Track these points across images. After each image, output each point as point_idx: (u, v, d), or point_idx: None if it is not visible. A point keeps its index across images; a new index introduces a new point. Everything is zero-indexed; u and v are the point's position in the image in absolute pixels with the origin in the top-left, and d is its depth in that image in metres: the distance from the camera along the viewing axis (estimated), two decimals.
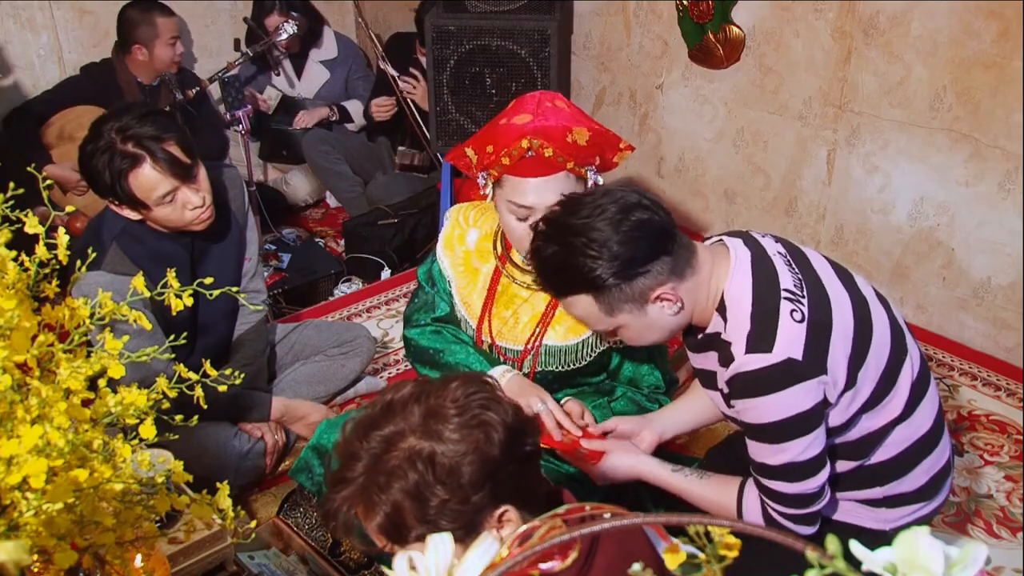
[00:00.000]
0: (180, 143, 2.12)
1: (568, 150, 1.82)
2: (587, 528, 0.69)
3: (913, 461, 1.75)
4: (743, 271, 1.63)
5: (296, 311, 3.35)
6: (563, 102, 1.89)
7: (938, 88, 2.91)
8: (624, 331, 1.66)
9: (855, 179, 3.22)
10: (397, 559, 0.76)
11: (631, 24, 3.73)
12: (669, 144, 3.77)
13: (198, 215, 2.19)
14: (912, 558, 0.59)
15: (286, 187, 4.25)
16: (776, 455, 1.61)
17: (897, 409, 1.70)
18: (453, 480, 1.15)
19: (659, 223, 1.60)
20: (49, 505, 0.95)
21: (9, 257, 1.03)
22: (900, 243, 3.16)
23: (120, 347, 1.09)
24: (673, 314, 1.62)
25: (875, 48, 3.02)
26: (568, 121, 1.84)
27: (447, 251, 2.11)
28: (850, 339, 1.62)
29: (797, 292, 1.61)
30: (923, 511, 1.81)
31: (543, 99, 1.88)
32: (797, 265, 1.67)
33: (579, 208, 1.58)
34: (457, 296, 2.09)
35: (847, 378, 1.61)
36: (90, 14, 4.02)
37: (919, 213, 3.08)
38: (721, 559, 0.67)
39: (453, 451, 1.16)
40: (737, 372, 1.58)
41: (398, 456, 1.17)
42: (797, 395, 1.55)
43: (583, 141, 1.82)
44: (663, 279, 1.57)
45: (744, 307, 1.60)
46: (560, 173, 1.84)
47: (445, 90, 3.67)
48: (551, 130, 1.81)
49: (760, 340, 1.57)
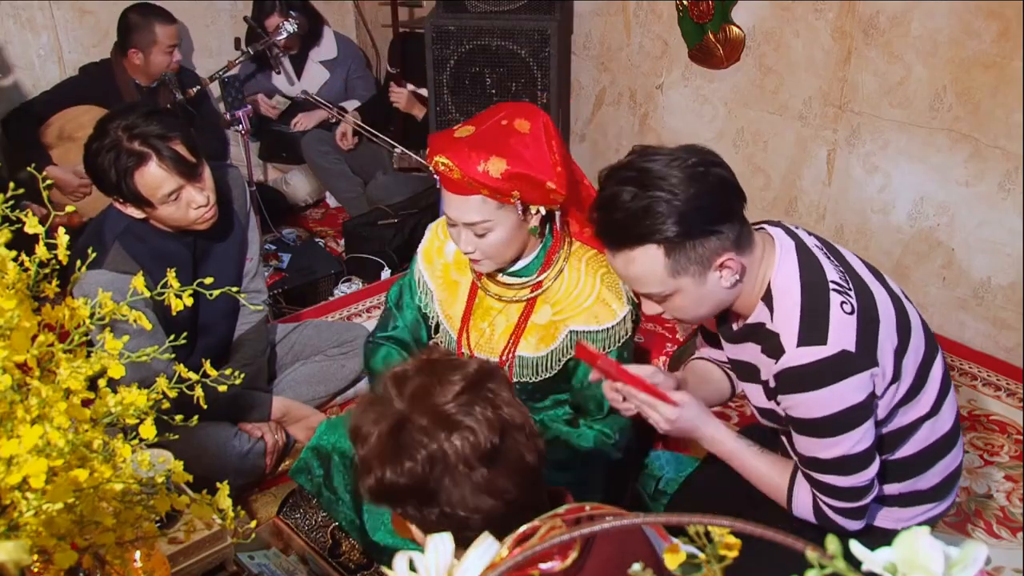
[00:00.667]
0: (185, 142, 2.12)
1: (478, 179, 1.74)
2: (587, 528, 0.69)
3: (933, 459, 1.74)
4: (790, 261, 1.59)
5: (296, 311, 3.35)
6: (527, 122, 1.80)
7: (938, 88, 2.91)
8: (678, 298, 1.57)
9: (855, 179, 3.22)
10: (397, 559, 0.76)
11: (631, 24, 3.73)
12: (669, 144, 3.77)
13: (202, 214, 2.19)
14: (912, 558, 0.59)
15: (286, 187, 4.26)
16: (829, 449, 1.58)
17: (928, 405, 1.69)
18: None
19: (735, 184, 1.54)
20: (49, 505, 0.95)
21: (9, 257, 1.03)
22: (900, 243, 3.16)
23: (120, 347, 1.09)
24: (729, 286, 1.56)
25: (875, 48, 3.02)
26: (495, 149, 1.75)
27: (427, 264, 2.11)
28: (894, 331, 1.59)
29: (844, 284, 1.58)
30: (933, 512, 1.80)
31: (509, 115, 1.81)
32: (835, 258, 1.64)
33: (657, 156, 1.51)
34: (439, 308, 2.10)
35: (894, 370, 1.59)
36: (90, 14, 4.03)
37: (919, 213, 3.08)
38: (721, 559, 0.67)
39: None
40: (789, 366, 1.54)
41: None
42: (851, 387, 1.52)
43: (496, 173, 1.74)
44: (729, 245, 1.52)
45: (793, 298, 1.56)
46: (476, 196, 1.79)
47: (445, 90, 3.67)
48: (465, 156, 1.74)
49: (813, 332, 1.52)
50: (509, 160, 1.74)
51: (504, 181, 1.75)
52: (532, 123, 1.80)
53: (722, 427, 1.72)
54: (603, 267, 1.94)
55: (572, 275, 1.95)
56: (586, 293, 1.93)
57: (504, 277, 1.97)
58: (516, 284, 1.97)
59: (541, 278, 1.95)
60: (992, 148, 2.85)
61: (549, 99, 3.62)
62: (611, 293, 1.93)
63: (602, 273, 1.94)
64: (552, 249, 1.95)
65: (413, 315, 2.17)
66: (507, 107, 1.85)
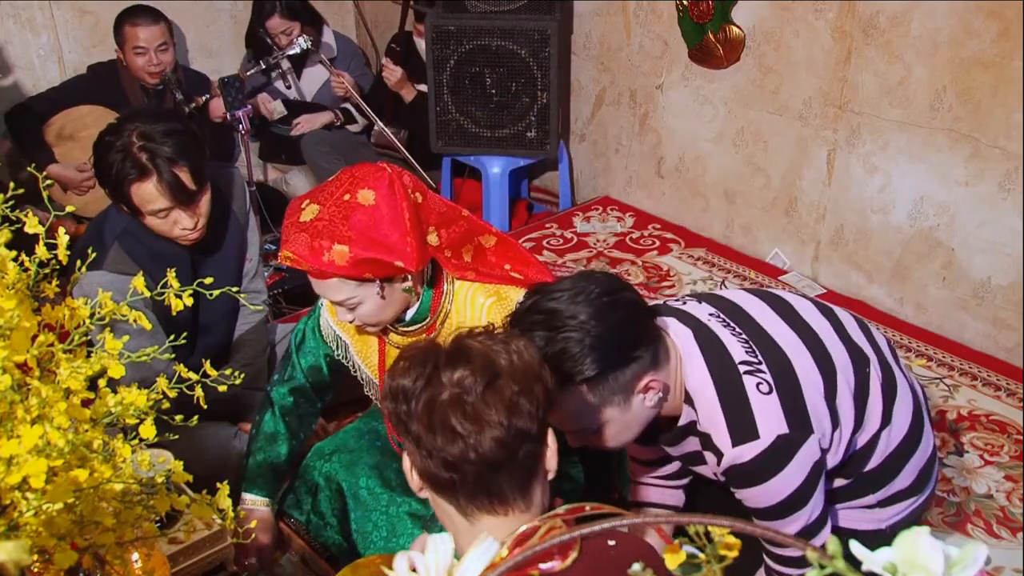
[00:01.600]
0: (192, 170, 2.12)
1: (324, 269, 1.68)
2: (587, 528, 0.69)
3: (901, 462, 1.74)
4: (695, 358, 1.57)
5: (296, 311, 3.35)
6: (371, 192, 1.69)
7: (938, 88, 2.91)
8: (606, 429, 1.54)
9: (855, 179, 3.22)
10: (397, 559, 0.76)
11: (631, 24, 3.73)
12: (669, 144, 3.77)
13: (185, 235, 2.20)
14: (912, 558, 0.59)
15: (286, 187, 4.25)
16: (788, 526, 1.58)
17: (877, 419, 1.68)
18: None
19: (643, 305, 1.52)
20: (49, 505, 0.95)
21: (9, 257, 1.03)
22: (900, 243, 3.16)
23: (120, 347, 1.09)
24: (653, 405, 1.54)
25: (875, 48, 3.02)
26: (336, 236, 1.66)
27: (333, 316, 2.05)
28: (819, 380, 1.58)
29: (753, 359, 1.55)
30: (915, 504, 1.80)
31: (351, 187, 1.70)
32: (736, 323, 1.61)
33: (558, 293, 1.48)
34: (356, 357, 2.07)
35: (831, 417, 1.59)
36: (90, 14, 4.02)
37: (919, 213, 3.08)
38: (721, 559, 0.67)
39: None
40: (732, 465, 1.54)
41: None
42: (799, 466, 1.52)
43: (341, 262, 1.66)
44: (648, 367, 1.50)
45: (709, 395, 1.54)
46: (332, 279, 1.72)
47: (445, 90, 3.67)
48: (307, 248, 1.67)
49: (742, 429, 1.51)
50: (352, 246, 1.66)
51: (351, 267, 1.68)
52: (376, 191, 1.69)
53: None
54: (489, 297, 1.87)
55: (457, 317, 1.89)
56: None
57: (399, 327, 1.92)
58: (412, 331, 1.92)
59: (432, 321, 1.90)
60: (992, 148, 2.85)
61: (549, 99, 3.63)
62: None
63: (489, 304, 1.86)
64: (436, 295, 1.89)
65: (314, 360, 2.12)
66: (348, 175, 1.73)
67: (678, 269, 3.52)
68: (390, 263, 1.69)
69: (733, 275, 3.44)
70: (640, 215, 3.90)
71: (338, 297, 1.75)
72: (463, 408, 1.13)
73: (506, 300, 1.86)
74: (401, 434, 1.19)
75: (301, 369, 2.13)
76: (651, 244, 3.70)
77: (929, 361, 2.97)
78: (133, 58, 3.63)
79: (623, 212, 3.94)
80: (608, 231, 3.81)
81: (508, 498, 1.18)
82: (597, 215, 3.92)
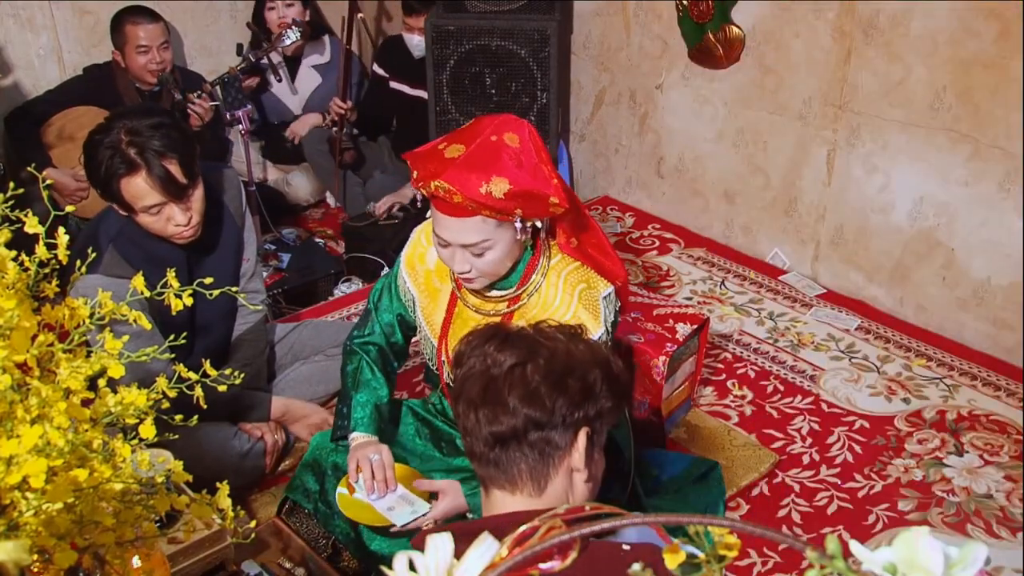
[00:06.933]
0: (182, 163, 2.11)
1: (480, 200, 1.71)
2: (587, 528, 0.69)
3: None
4: None
5: (296, 311, 3.35)
6: (516, 136, 1.77)
7: (938, 88, 2.91)
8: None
9: (855, 179, 3.22)
10: (397, 559, 0.76)
11: (631, 24, 3.73)
12: (669, 144, 3.77)
13: (180, 231, 2.19)
14: (912, 558, 0.60)
15: (287, 187, 4.25)
16: None
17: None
18: None
19: None
20: (49, 505, 0.95)
21: (9, 257, 1.03)
22: (900, 243, 3.16)
23: (120, 347, 1.09)
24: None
25: (875, 48, 3.02)
26: (493, 168, 1.72)
27: (409, 270, 2.09)
28: None
29: None
30: None
31: (497, 130, 1.77)
32: None
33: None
34: (421, 315, 2.08)
35: None
36: (90, 14, 4.02)
37: (919, 213, 3.08)
38: (721, 559, 0.67)
39: None
40: None
41: None
42: None
43: (499, 194, 1.71)
44: None
45: None
46: (475, 217, 1.76)
47: (445, 90, 3.67)
48: (465, 179, 1.71)
49: None
50: (511, 179, 1.72)
51: (508, 200, 1.72)
52: (520, 135, 1.77)
53: None
54: (582, 282, 1.90)
55: (549, 291, 1.90)
56: (562, 311, 1.88)
57: (484, 289, 1.94)
58: (495, 297, 1.93)
59: (519, 292, 1.91)
60: (992, 148, 2.85)
61: (549, 99, 3.62)
62: (588, 313, 1.88)
63: (581, 289, 1.89)
64: (531, 263, 1.91)
65: (390, 318, 2.15)
66: (490, 121, 1.80)
67: (678, 269, 3.52)
68: (545, 198, 1.75)
69: (733, 275, 3.44)
70: (640, 215, 3.90)
71: (475, 238, 1.77)
72: (485, 383, 1.28)
73: (594, 290, 1.90)
74: (452, 397, 1.34)
75: (379, 324, 2.14)
76: (651, 244, 3.70)
77: (929, 361, 2.98)
78: (135, 57, 3.62)
79: (623, 212, 3.94)
80: (608, 231, 3.81)
81: (516, 477, 1.29)
82: (597, 215, 3.92)
